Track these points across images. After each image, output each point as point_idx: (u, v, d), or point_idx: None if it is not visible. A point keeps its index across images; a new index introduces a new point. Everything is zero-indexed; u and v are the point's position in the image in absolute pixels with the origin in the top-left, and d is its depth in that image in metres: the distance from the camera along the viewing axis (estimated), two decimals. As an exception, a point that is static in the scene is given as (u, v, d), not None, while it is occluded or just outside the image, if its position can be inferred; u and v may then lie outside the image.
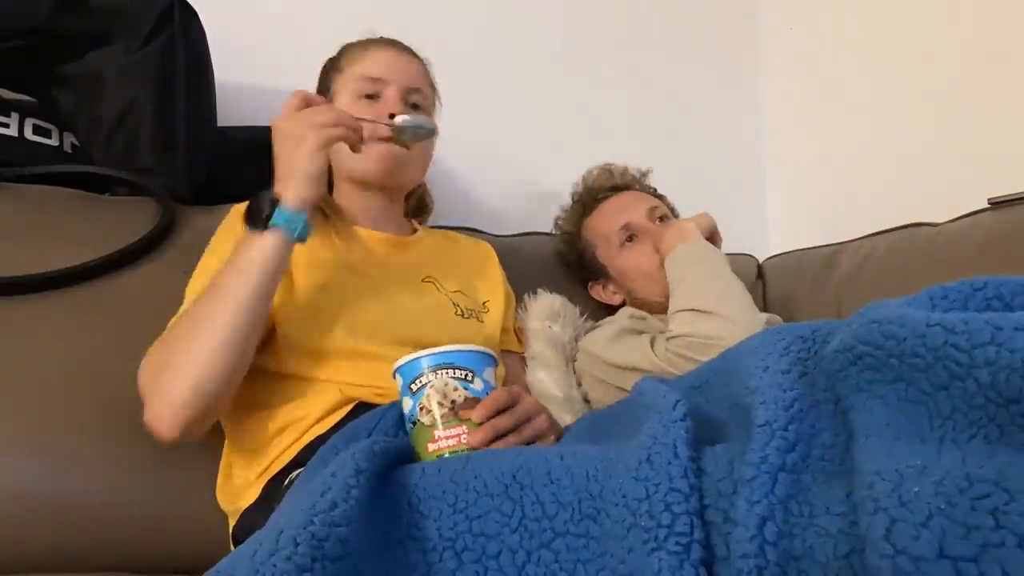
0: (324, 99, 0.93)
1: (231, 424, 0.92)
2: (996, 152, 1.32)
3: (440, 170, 1.40)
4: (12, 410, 0.90)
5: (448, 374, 0.69)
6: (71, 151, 1.13)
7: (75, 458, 0.90)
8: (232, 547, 0.86)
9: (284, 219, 0.81)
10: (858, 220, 1.41)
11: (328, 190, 1.07)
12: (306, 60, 1.11)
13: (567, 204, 1.39)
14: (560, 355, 1.15)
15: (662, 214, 1.28)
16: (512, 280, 1.19)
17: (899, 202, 1.46)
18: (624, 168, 1.39)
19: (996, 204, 1.14)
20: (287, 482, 0.81)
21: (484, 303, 1.09)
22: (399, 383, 0.72)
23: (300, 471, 0.79)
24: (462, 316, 1.01)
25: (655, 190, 1.38)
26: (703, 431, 0.55)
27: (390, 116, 0.96)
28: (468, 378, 0.69)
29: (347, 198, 1.05)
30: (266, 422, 0.87)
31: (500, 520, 0.52)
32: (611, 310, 1.31)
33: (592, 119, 1.70)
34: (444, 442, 0.67)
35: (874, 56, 1.60)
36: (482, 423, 0.68)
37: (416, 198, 1.21)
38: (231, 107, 1.23)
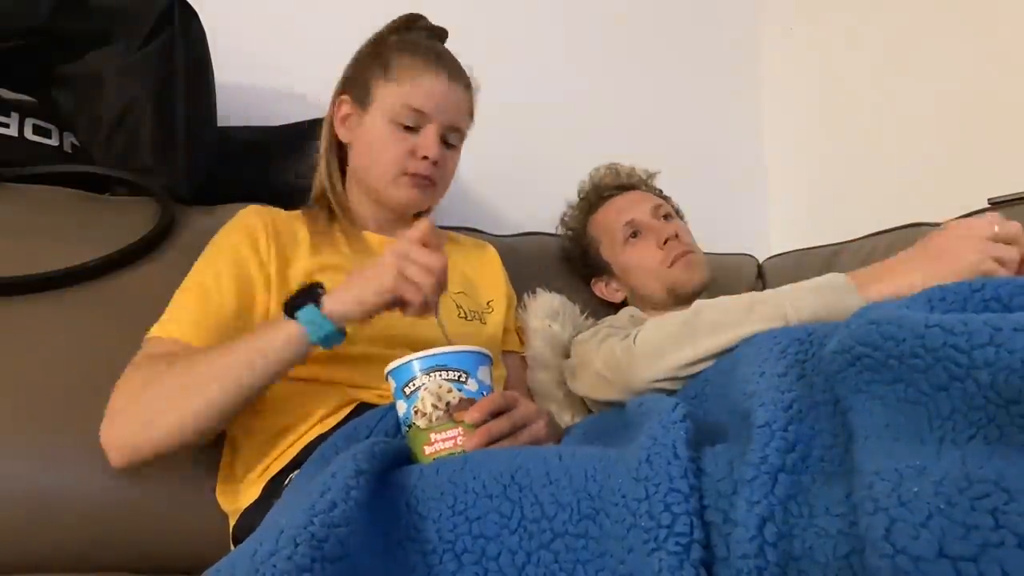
0: (442, 247, 0.81)
1: (231, 424, 0.92)
2: (996, 152, 1.33)
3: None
4: (12, 410, 0.90)
5: (441, 376, 0.69)
6: (71, 151, 1.13)
7: (75, 458, 0.90)
8: (232, 547, 0.86)
9: (317, 326, 0.77)
10: (858, 220, 1.41)
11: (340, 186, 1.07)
12: (306, 60, 1.11)
13: (573, 202, 1.40)
14: (560, 354, 1.15)
15: (666, 212, 1.28)
16: (512, 280, 1.20)
17: (899, 202, 1.46)
18: (631, 168, 1.40)
19: (996, 204, 1.14)
20: (287, 482, 0.81)
21: (488, 303, 1.09)
22: (392, 386, 0.71)
23: (301, 469, 0.79)
24: (465, 318, 1.01)
25: (660, 191, 1.38)
26: (702, 435, 0.55)
27: (422, 157, 0.97)
28: (462, 379, 0.69)
29: (359, 203, 1.05)
30: (267, 422, 0.87)
31: (499, 521, 0.52)
32: (612, 308, 1.31)
33: (593, 119, 1.70)
34: (440, 444, 0.67)
35: (874, 56, 1.60)
36: (477, 426, 0.68)
37: None
38: (231, 107, 1.23)
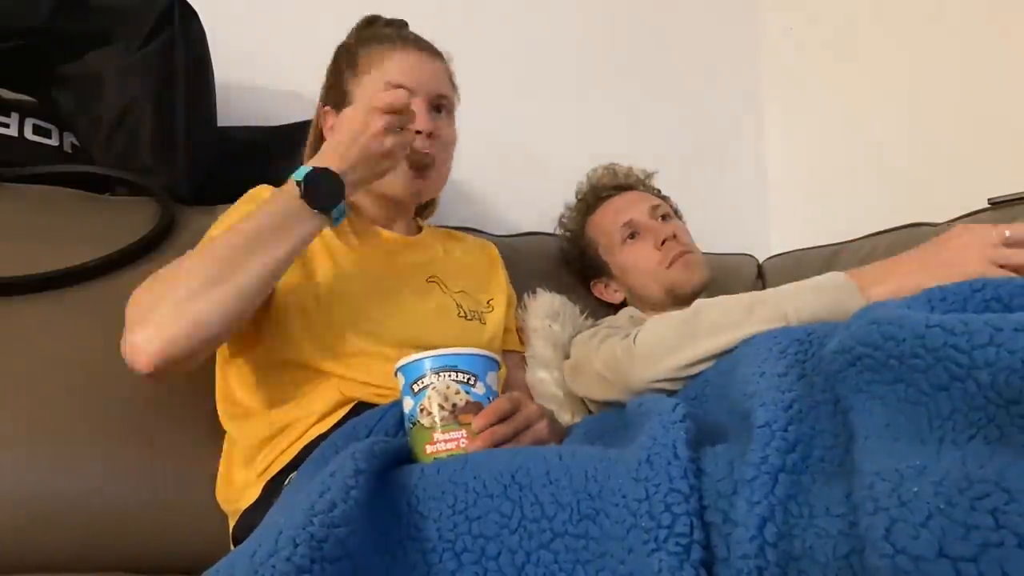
0: (412, 112, 0.85)
1: (231, 424, 0.92)
2: (996, 152, 1.32)
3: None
4: (12, 410, 0.90)
5: (451, 376, 0.69)
6: (71, 151, 1.13)
7: (75, 458, 0.90)
8: (232, 547, 0.86)
9: (340, 211, 0.81)
10: (858, 220, 1.41)
11: None
12: (306, 60, 1.11)
13: (571, 203, 1.40)
14: (560, 354, 1.14)
15: (664, 213, 1.28)
16: (512, 280, 1.19)
17: (899, 202, 1.46)
18: (628, 168, 1.40)
19: (996, 204, 1.14)
20: (287, 482, 0.81)
21: (488, 302, 1.09)
22: (401, 382, 0.71)
23: (300, 468, 0.79)
24: (465, 318, 1.01)
25: (659, 191, 1.38)
26: (703, 435, 0.55)
27: (416, 132, 0.94)
28: (470, 382, 0.69)
29: (362, 205, 1.04)
30: (265, 422, 0.87)
31: (499, 521, 0.52)
32: (611, 309, 1.31)
33: (593, 119, 1.70)
34: (442, 445, 0.67)
35: (874, 56, 1.60)
36: (481, 431, 0.68)
37: None
38: (231, 107, 1.23)
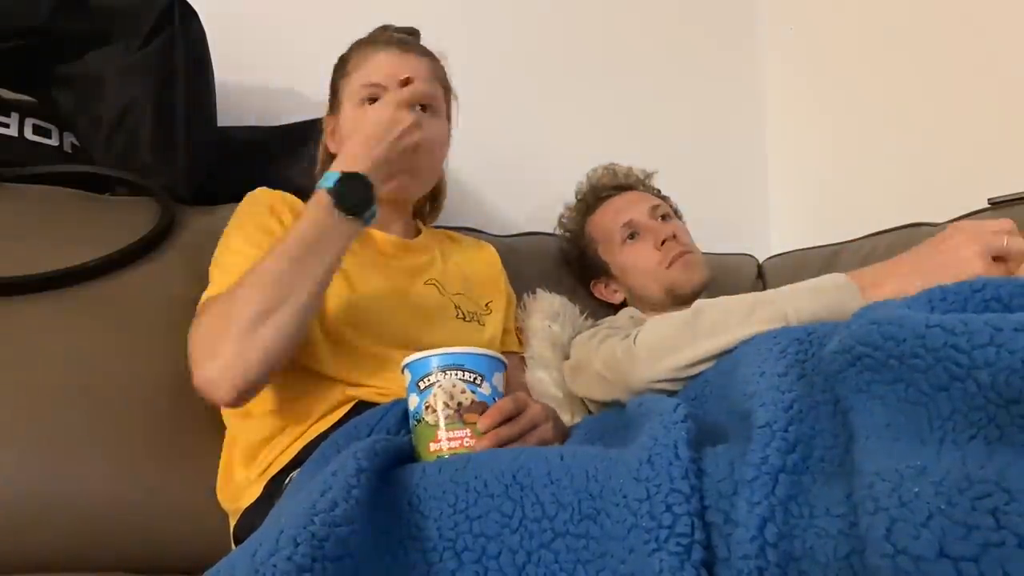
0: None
1: (232, 423, 0.92)
2: (996, 152, 1.33)
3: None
4: (12, 410, 0.90)
5: (457, 375, 0.69)
6: (71, 151, 1.13)
7: (75, 458, 0.90)
8: (233, 547, 0.86)
9: (373, 213, 0.82)
10: (858, 220, 1.41)
11: None
12: (306, 60, 1.11)
13: (571, 203, 1.40)
14: (560, 355, 1.15)
15: (664, 213, 1.28)
16: (512, 280, 1.19)
17: (899, 202, 1.46)
18: (628, 168, 1.40)
19: (996, 204, 1.14)
20: (287, 481, 0.81)
21: (487, 304, 1.09)
22: (407, 379, 0.71)
23: (302, 468, 0.79)
24: (463, 319, 1.01)
25: (659, 191, 1.38)
26: (703, 436, 0.55)
27: None
28: (477, 381, 0.69)
29: None
30: (266, 421, 0.87)
31: (500, 520, 0.52)
32: (611, 309, 1.31)
33: (593, 119, 1.70)
34: (446, 443, 0.67)
35: (874, 56, 1.60)
36: (486, 431, 0.68)
37: (430, 195, 1.19)
38: (231, 107, 1.23)
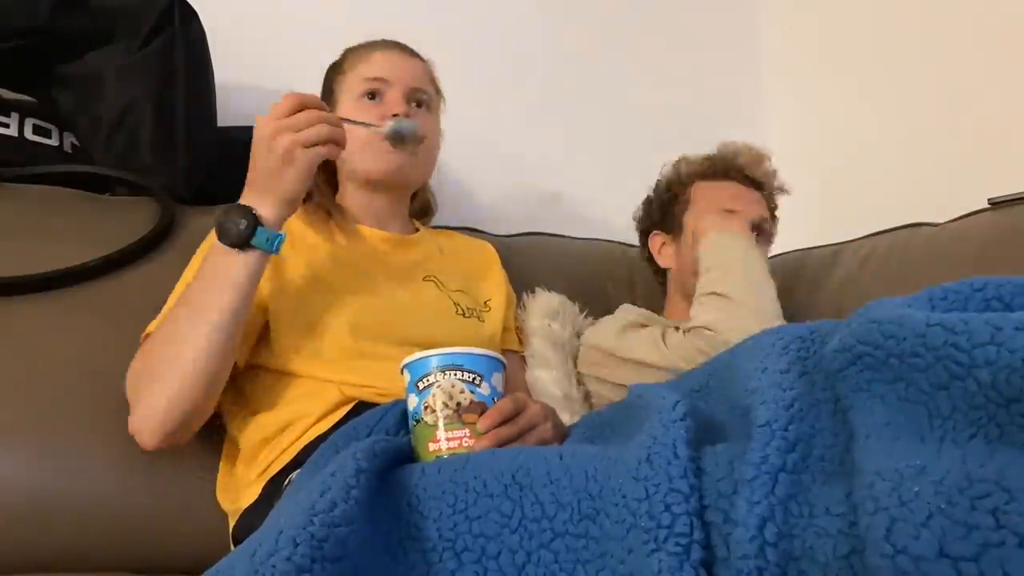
0: (318, 100, 0.85)
1: (231, 424, 0.92)
2: (996, 152, 1.32)
3: (440, 170, 1.40)
4: (12, 410, 0.90)
5: (456, 375, 0.69)
6: (71, 151, 1.13)
7: (75, 458, 0.90)
8: (232, 547, 0.86)
9: (265, 239, 0.79)
10: (858, 220, 1.41)
11: (332, 190, 1.07)
12: (306, 60, 1.11)
13: (697, 155, 1.30)
14: (559, 353, 1.15)
15: (764, 231, 1.23)
16: (512, 280, 1.19)
17: (899, 202, 1.46)
18: (775, 171, 1.31)
19: (996, 204, 1.14)
20: (287, 482, 0.81)
21: (486, 302, 1.09)
22: (406, 379, 0.71)
23: (301, 469, 0.79)
24: (463, 316, 1.01)
25: (774, 208, 1.31)
26: (703, 433, 0.55)
27: (393, 115, 0.97)
28: (476, 381, 0.69)
29: (352, 198, 1.05)
30: (266, 422, 0.87)
31: (500, 520, 0.52)
32: (613, 309, 1.31)
33: (592, 119, 1.70)
34: (445, 443, 0.67)
35: (874, 56, 1.60)
36: (486, 432, 0.68)
37: (419, 201, 1.21)
38: (231, 107, 1.23)
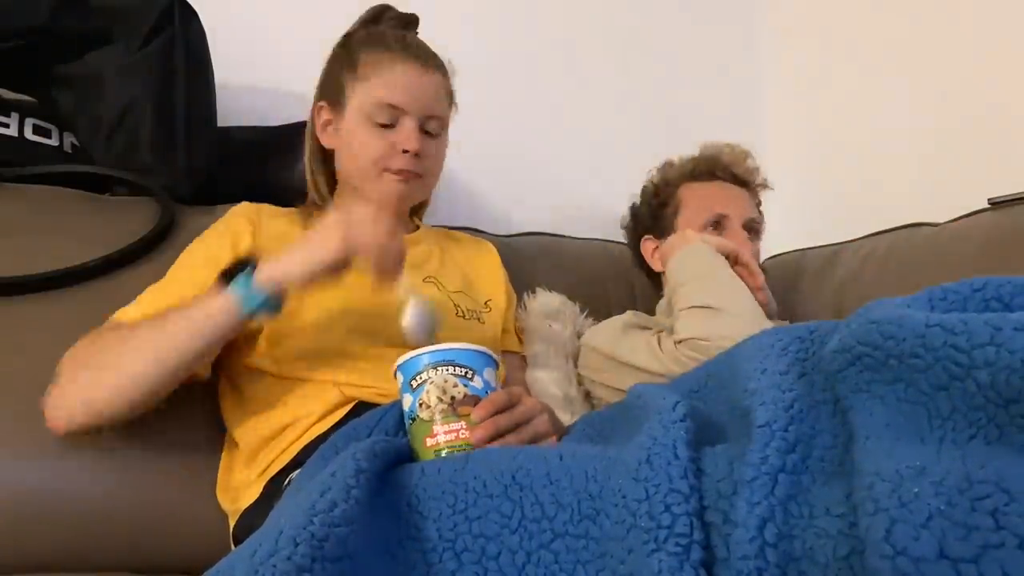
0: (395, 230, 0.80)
1: (231, 424, 0.92)
2: (996, 152, 1.32)
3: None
4: (12, 410, 0.90)
5: (449, 371, 0.69)
6: (71, 151, 1.13)
7: (75, 458, 0.90)
8: (232, 547, 0.86)
9: (247, 289, 0.78)
10: (858, 220, 1.41)
11: (330, 191, 1.07)
12: (306, 60, 1.11)
13: (684, 157, 1.33)
14: (560, 353, 1.15)
15: (755, 229, 1.25)
16: (512, 280, 1.19)
17: (899, 202, 1.46)
18: (758, 167, 1.33)
19: (996, 204, 1.14)
20: (287, 482, 0.81)
21: (486, 302, 1.09)
22: (400, 380, 0.72)
23: (301, 469, 0.79)
24: (463, 317, 1.01)
25: (760, 204, 1.32)
26: (703, 433, 0.55)
27: (403, 151, 0.96)
28: (468, 376, 0.69)
29: (353, 201, 1.04)
30: (266, 422, 0.87)
31: (499, 521, 0.52)
32: (613, 309, 1.31)
33: (592, 119, 1.70)
34: (442, 437, 0.67)
35: (874, 56, 1.60)
36: (482, 421, 0.68)
37: None
38: (231, 107, 1.23)
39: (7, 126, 1.08)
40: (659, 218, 1.27)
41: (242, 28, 1.31)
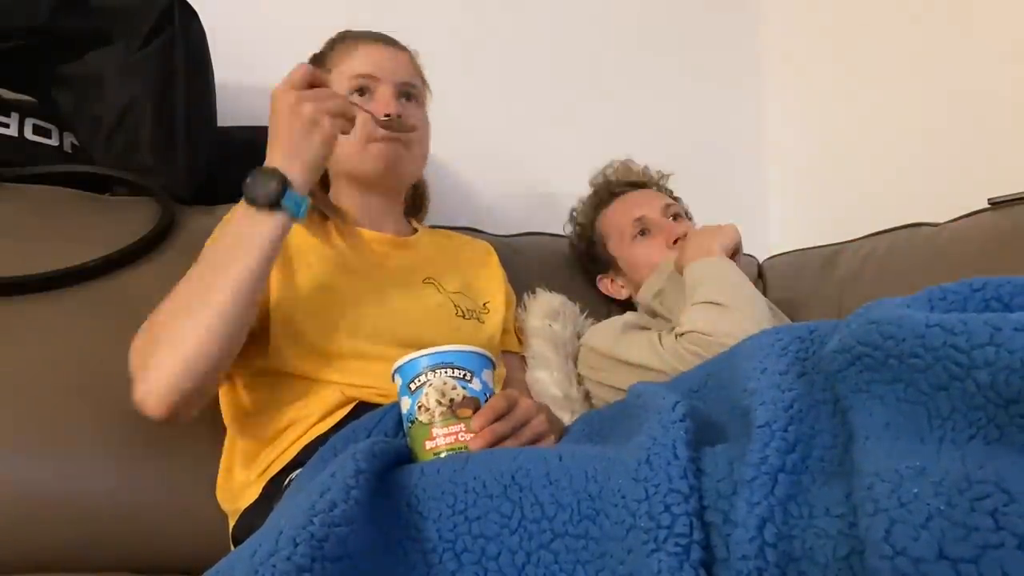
0: (327, 79, 0.87)
1: (231, 424, 0.92)
2: (996, 152, 1.32)
3: (441, 170, 1.40)
4: (12, 410, 0.90)
5: (447, 373, 0.69)
6: (71, 151, 1.13)
7: (75, 458, 0.90)
8: (232, 547, 0.86)
9: (294, 202, 0.79)
10: (858, 220, 1.41)
11: (324, 188, 1.07)
12: (305, 60, 1.11)
13: (583, 197, 1.40)
14: (560, 354, 1.15)
15: (676, 212, 1.29)
16: (512, 280, 1.19)
17: (899, 202, 1.46)
18: (645, 167, 1.41)
19: (996, 204, 1.14)
20: (287, 482, 0.81)
21: (485, 304, 1.09)
22: (398, 383, 0.72)
23: (300, 471, 0.79)
24: (463, 317, 1.01)
25: (672, 192, 1.39)
26: (702, 433, 0.55)
27: (385, 115, 0.96)
28: (467, 378, 0.69)
29: (346, 198, 1.05)
30: (266, 422, 0.87)
31: (499, 521, 0.52)
32: (613, 308, 1.31)
33: (592, 119, 1.70)
34: (442, 440, 0.67)
35: (874, 56, 1.60)
36: (480, 430, 0.68)
37: (412, 196, 1.21)
38: (231, 107, 1.23)
39: (7, 126, 1.08)
40: (596, 257, 1.34)
41: (242, 28, 1.31)
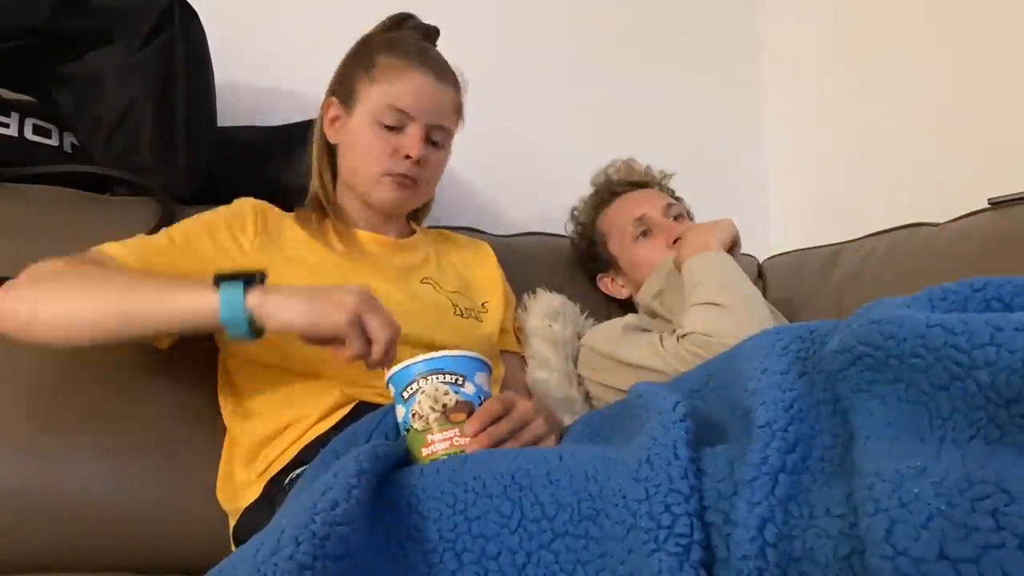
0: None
1: (231, 423, 0.92)
2: (996, 152, 1.32)
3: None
4: (12, 410, 0.90)
5: (439, 379, 0.69)
6: (71, 151, 1.13)
7: (75, 458, 0.90)
8: (232, 547, 0.86)
9: (240, 324, 0.74)
10: (858, 220, 1.41)
11: (332, 188, 1.07)
12: (306, 60, 1.11)
13: (585, 196, 1.40)
14: (560, 354, 1.15)
15: (677, 213, 1.29)
16: (512, 280, 1.19)
17: (899, 202, 1.46)
18: (646, 167, 1.40)
19: (996, 204, 1.14)
20: (287, 481, 0.82)
21: (483, 303, 1.09)
22: (392, 392, 0.72)
23: (301, 470, 0.79)
24: (461, 316, 1.01)
25: (673, 192, 1.39)
26: (703, 433, 0.55)
27: (405, 156, 0.97)
28: (459, 382, 0.70)
29: (349, 202, 1.05)
30: (267, 422, 0.87)
31: (499, 521, 0.52)
32: (614, 308, 1.31)
33: (593, 119, 1.70)
34: (438, 445, 0.67)
35: (875, 56, 1.60)
36: (476, 435, 0.68)
37: None
38: (231, 107, 1.23)
39: (7, 126, 1.08)
40: (597, 256, 1.34)
41: (242, 28, 1.31)
